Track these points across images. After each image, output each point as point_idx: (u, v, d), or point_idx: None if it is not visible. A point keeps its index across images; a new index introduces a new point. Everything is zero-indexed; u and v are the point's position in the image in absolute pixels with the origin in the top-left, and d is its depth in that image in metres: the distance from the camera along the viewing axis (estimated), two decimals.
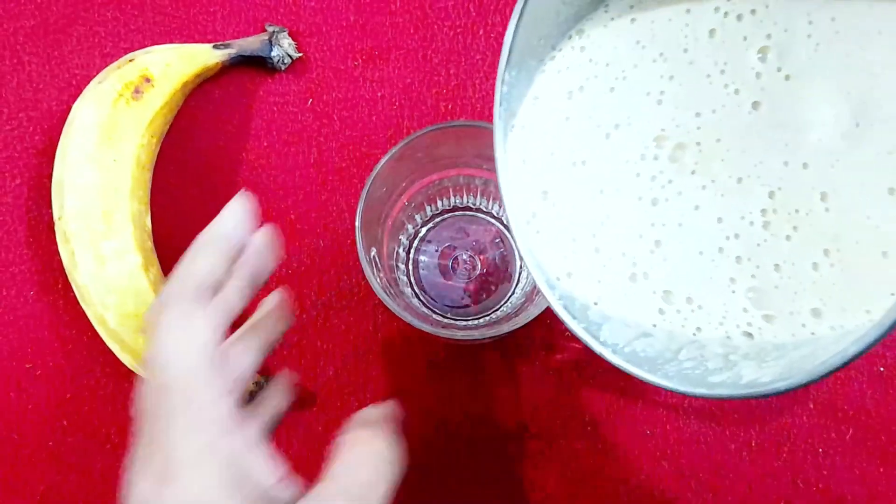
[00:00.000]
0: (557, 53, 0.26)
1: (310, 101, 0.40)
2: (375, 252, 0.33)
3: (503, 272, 0.37)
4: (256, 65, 0.40)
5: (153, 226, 0.37)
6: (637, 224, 0.25)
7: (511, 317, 0.33)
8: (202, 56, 0.38)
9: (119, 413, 0.36)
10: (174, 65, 0.37)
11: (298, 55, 0.40)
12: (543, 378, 0.36)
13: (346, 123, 0.39)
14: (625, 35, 0.25)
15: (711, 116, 0.24)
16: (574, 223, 0.25)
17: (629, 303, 0.24)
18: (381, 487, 0.23)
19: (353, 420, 0.25)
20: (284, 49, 0.39)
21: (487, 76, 0.40)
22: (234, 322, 0.25)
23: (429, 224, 0.38)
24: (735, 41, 0.23)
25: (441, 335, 0.31)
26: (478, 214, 0.38)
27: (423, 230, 0.38)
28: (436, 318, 0.36)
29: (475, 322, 0.36)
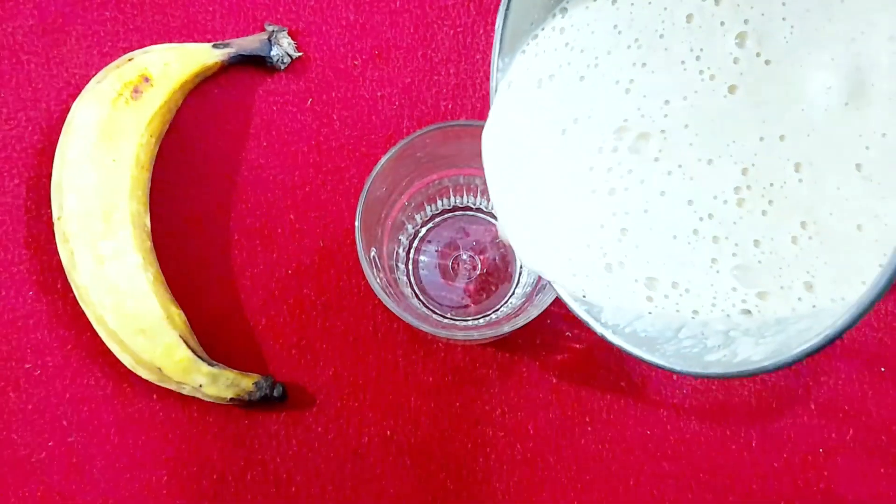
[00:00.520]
0: (540, 33, 0.26)
1: (309, 101, 0.39)
2: (375, 252, 0.33)
3: (503, 272, 0.37)
4: (256, 64, 0.40)
5: (152, 225, 0.37)
6: (594, 215, 0.25)
7: (511, 317, 0.33)
8: (201, 55, 0.38)
9: (119, 413, 0.36)
10: (173, 64, 0.37)
11: (298, 55, 0.40)
12: (543, 378, 0.36)
13: (346, 123, 0.39)
14: (604, 18, 0.25)
15: (682, 103, 0.24)
16: (536, 220, 0.26)
17: (615, 293, 0.24)
18: None
19: None
20: (284, 48, 0.39)
21: (488, 76, 0.39)
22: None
23: (429, 224, 0.38)
24: (712, 27, 0.23)
25: (441, 335, 0.31)
26: (478, 214, 0.38)
27: (423, 230, 0.38)
28: (436, 319, 0.36)
29: (475, 322, 0.36)
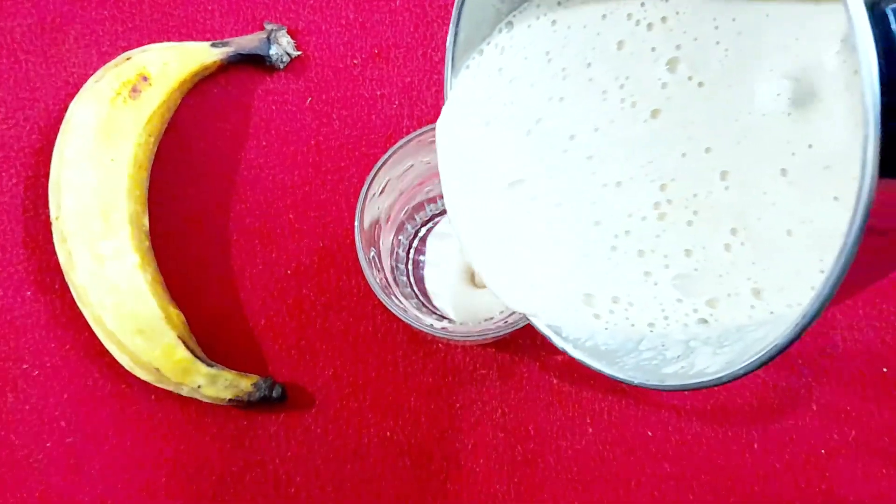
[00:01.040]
0: (486, 48, 0.26)
1: (309, 100, 0.39)
2: (375, 252, 0.33)
3: None
4: (255, 63, 0.39)
5: (151, 225, 0.37)
6: (527, 232, 0.25)
7: (511, 317, 0.33)
8: (200, 54, 0.38)
9: (117, 413, 0.36)
10: (172, 63, 0.37)
11: (297, 54, 0.39)
12: (543, 379, 0.36)
13: (346, 123, 0.39)
14: (541, 40, 0.25)
15: (589, 136, 0.24)
16: (486, 233, 0.26)
17: (561, 309, 0.24)
18: None
19: None
20: (283, 47, 0.39)
21: None
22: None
23: (429, 224, 0.38)
24: (643, 53, 0.23)
25: (441, 336, 0.31)
26: None
27: (423, 230, 0.38)
28: (435, 319, 0.36)
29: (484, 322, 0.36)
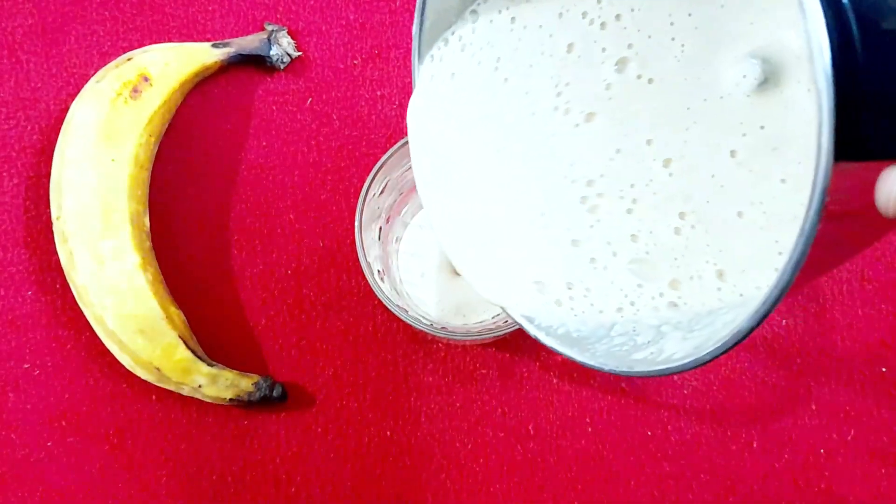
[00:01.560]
0: (451, 38, 0.26)
1: (309, 101, 0.39)
2: (375, 252, 0.33)
3: None
4: (255, 64, 0.40)
5: (152, 225, 0.37)
6: (483, 221, 0.26)
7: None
8: (201, 55, 0.38)
9: (118, 413, 0.36)
10: (172, 64, 0.37)
11: (298, 54, 0.39)
12: (543, 378, 0.36)
13: (346, 123, 0.39)
14: (495, 44, 0.26)
15: (518, 145, 0.25)
16: (457, 221, 0.27)
17: (521, 299, 0.25)
18: None
19: None
20: (283, 48, 0.39)
21: None
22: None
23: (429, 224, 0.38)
24: (592, 55, 0.24)
25: (441, 335, 0.31)
26: None
27: None
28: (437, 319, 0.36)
29: (479, 320, 0.36)
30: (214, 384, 0.34)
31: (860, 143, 0.15)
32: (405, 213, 0.36)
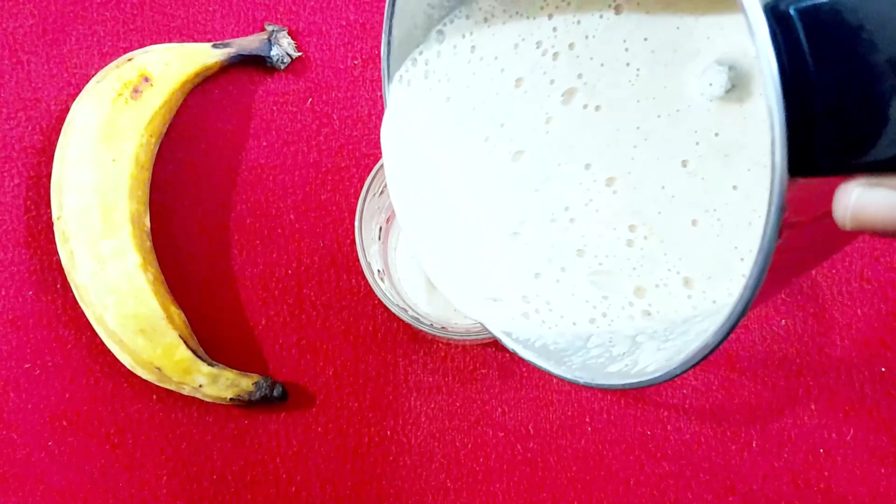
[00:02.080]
0: (419, 59, 0.27)
1: (309, 101, 0.39)
2: (375, 252, 0.33)
3: None
4: (256, 64, 0.40)
5: (152, 225, 0.37)
6: (440, 249, 0.27)
7: None
8: (201, 55, 0.38)
9: (118, 413, 0.36)
10: (173, 64, 0.37)
11: (298, 54, 0.39)
12: (543, 378, 0.36)
13: (346, 123, 0.39)
14: (452, 77, 0.26)
15: (459, 180, 0.26)
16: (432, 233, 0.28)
17: (487, 313, 0.25)
18: None
19: None
20: (284, 48, 0.39)
21: None
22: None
23: None
24: (539, 88, 0.24)
25: (441, 335, 0.31)
26: None
27: None
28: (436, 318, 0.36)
29: (475, 322, 0.36)
30: (215, 384, 0.35)
31: (814, 159, 0.15)
32: None
